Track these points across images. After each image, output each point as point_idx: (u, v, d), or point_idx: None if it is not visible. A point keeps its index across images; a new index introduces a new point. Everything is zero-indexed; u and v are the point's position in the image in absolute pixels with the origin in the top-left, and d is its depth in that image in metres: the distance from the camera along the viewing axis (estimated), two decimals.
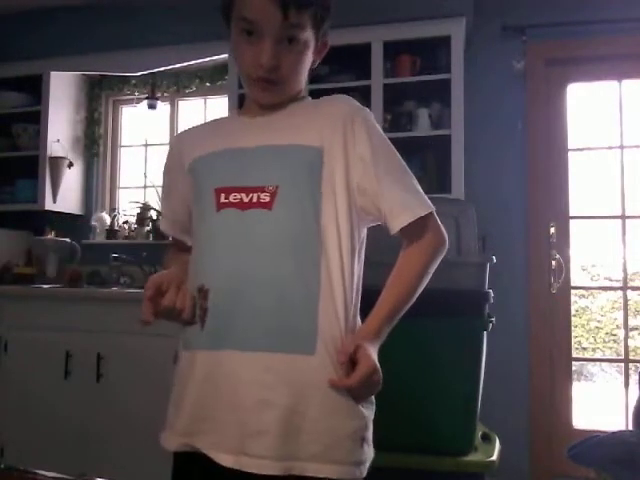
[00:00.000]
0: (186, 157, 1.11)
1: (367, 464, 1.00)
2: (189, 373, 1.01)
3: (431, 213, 1.05)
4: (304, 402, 0.94)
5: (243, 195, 0.99)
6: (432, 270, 1.06)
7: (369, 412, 1.01)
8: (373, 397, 1.03)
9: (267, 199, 0.98)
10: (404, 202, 1.02)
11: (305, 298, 0.96)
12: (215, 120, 1.22)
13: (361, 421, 0.99)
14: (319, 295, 0.96)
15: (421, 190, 1.06)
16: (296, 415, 0.94)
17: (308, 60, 1.07)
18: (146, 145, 3.78)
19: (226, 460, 0.95)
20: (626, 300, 2.97)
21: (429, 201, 1.05)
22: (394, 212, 1.02)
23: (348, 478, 0.96)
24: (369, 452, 1.00)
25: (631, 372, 2.91)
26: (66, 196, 3.55)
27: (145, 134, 3.69)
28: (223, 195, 1.01)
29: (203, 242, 1.04)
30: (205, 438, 0.98)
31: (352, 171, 1.02)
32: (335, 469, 0.94)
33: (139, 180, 3.77)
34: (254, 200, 0.98)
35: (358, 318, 1.05)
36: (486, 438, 1.88)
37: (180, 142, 1.18)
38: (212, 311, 0.98)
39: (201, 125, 1.21)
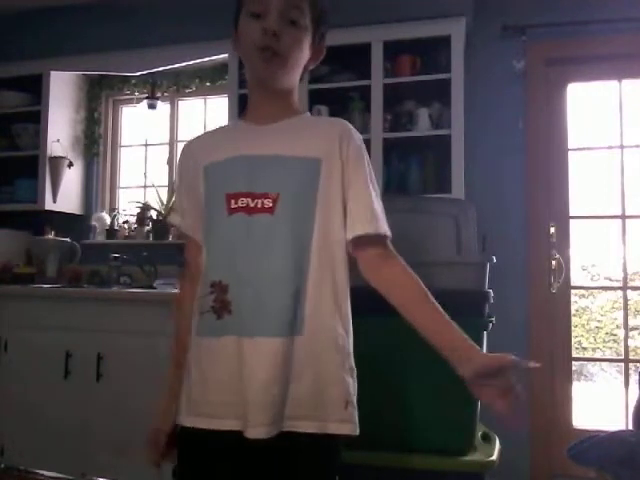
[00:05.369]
0: (201, 161, 1.21)
1: (353, 423, 1.13)
2: (210, 357, 1.12)
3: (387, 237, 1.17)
4: (297, 375, 1.09)
5: (249, 200, 1.12)
6: None
7: (352, 380, 1.15)
8: (354, 367, 1.15)
9: (270, 205, 1.11)
10: (371, 215, 1.15)
11: (295, 289, 1.10)
12: (223, 127, 1.36)
13: (344, 387, 1.13)
14: (308, 286, 1.11)
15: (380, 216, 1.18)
16: (291, 386, 1.09)
17: (305, 51, 1.19)
18: (146, 145, 3.78)
19: (256, 432, 1.07)
20: (626, 300, 2.97)
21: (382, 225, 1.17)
22: (359, 219, 1.15)
23: (333, 433, 1.10)
24: (354, 413, 1.14)
25: (631, 372, 2.91)
26: (66, 196, 3.55)
27: (145, 134, 3.69)
28: (233, 201, 1.13)
29: (218, 243, 1.16)
30: (230, 415, 1.10)
31: (344, 182, 1.16)
32: (322, 425, 1.10)
33: (139, 180, 3.77)
34: (259, 205, 1.12)
35: (348, 300, 1.17)
36: (486, 438, 1.88)
37: (194, 148, 1.27)
38: (233, 304, 1.10)
39: (210, 132, 1.33)
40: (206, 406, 1.12)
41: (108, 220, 3.66)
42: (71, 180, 3.58)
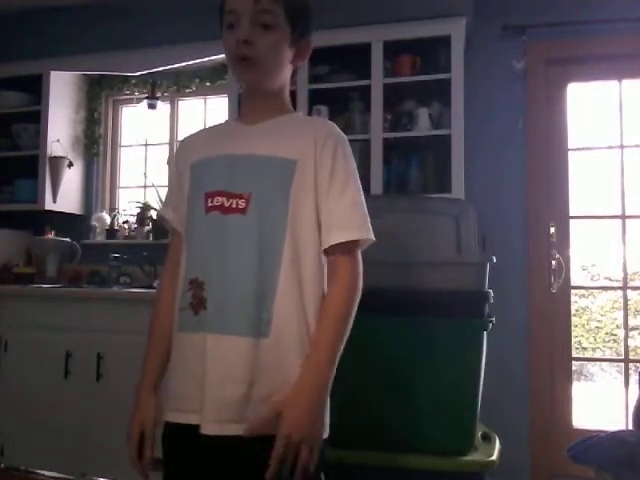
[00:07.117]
0: (188, 159, 1.25)
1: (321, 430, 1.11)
2: (185, 352, 1.15)
3: (357, 242, 1.15)
4: (261, 377, 1.10)
5: (224, 200, 1.14)
6: (354, 310, 1.14)
7: None
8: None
9: (243, 205, 1.13)
10: (344, 222, 1.14)
11: (264, 291, 1.11)
12: (217, 125, 1.35)
13: None
14: (277, 288, 1.11)
15: (367, 219, 1.16)
16: (253, 387, 1.09)
17: (284, 51, 1.19)
18: (146, 145, 3.78)
19: (210, 428, 1.09)
20: (626, 300, 2.97)
21: (370, 230, 1.16)
22: (330, 228, 1.15)
23: None
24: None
25: (631, 372, 2.91)
26: (66, 196, 3.55)
27: (145, 134, 3.69)
28: (210, 199, 1.16)
29: (196, 240, 1.18)
30: (197, 410, 1.11)
31: (317, 183, 1.16)
32: None
33: (139, 180, 3.77)
34: (233, 206, 1.14)
35: (320, 303, 1.15)
36: (486, 438, 1.88)
37: (186, 145, 1.31)
38: (208, 300, 1.13)
39: (204, 129, 1.36)
40: (176, 400, 1.16)
41: (108, 220, 3.66)
42: (71, 180, 3.58)
